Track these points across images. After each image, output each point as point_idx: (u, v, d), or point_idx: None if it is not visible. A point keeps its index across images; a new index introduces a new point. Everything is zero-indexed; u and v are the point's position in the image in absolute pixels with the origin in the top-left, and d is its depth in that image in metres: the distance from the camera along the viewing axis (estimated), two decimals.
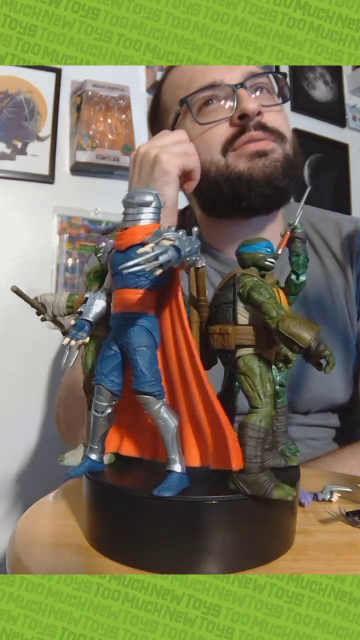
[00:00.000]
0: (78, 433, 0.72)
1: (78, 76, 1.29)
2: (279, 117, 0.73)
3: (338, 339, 0.75)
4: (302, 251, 0.40)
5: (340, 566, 0.36)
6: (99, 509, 0.38)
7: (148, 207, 0.36)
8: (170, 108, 0.78)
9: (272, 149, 0.71)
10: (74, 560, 0.37)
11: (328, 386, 0.75)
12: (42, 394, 1.27)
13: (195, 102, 0.73)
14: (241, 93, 0.70)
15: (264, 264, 0.38)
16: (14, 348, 1.22)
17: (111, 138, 1.28)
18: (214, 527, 0.34)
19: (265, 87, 0.74)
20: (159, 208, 0.36)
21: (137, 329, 0.35)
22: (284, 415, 0.44)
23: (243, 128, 0.70)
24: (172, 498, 0.34)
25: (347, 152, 1.77)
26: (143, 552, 0.35)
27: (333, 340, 0.75)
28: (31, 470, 1.24)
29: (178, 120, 0.76)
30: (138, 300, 0.35)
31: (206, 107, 0.72)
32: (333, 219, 0.82)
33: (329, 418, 0.79)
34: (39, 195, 1.25)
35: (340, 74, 1.79)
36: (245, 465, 0.34)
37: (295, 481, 0.39)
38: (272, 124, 0.71)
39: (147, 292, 0.35)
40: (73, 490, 0.48)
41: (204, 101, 0.72)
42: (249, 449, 0.34)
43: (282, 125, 0.73)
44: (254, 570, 0.35)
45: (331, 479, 0.52)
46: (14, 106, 1.23)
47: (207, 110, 0.72)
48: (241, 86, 0.70)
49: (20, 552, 0.37)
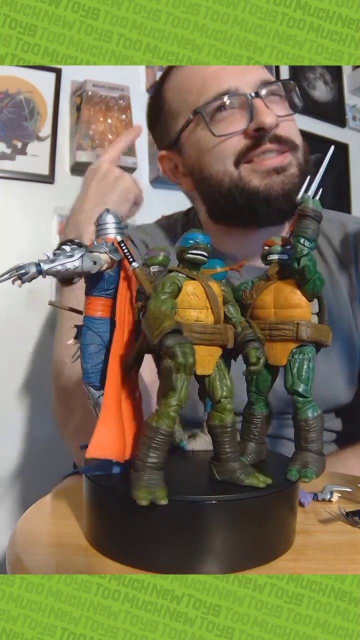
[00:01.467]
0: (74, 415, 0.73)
1: (78, 76, 1.29)
2: (292, 127, 0.73)
3: (341, 339, 0.75)
4: (301, 231, 0.39)
5: (340, 566, 0.36)
6: (99, 509, 0.38)
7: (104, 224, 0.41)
8: (178, 112, 0.76)
9: (289, 162, 0.70)
10: (74, 560, 0.37)
11: (330, 386, 0.75)
12: (42, 393, 1.26)
13: (208, 111, 0.71)
14: (257, 104, 0.69)
15: (186, 257, 0.37)
16: (14, 348, 1.22)
17: (111, 138, 1.28)
18: (214, 527, 0.34)
19: (276, 94, 0.73)
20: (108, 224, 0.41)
21: (84, 330, 0.40)
22: (262, 424, 0.43)
23: (258, 140, 0.69)
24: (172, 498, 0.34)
25: (347, 152, 1.77)
26: (143, 552, 0.35)
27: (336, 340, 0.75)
28: (31, 470, 1.24)
29: (189, 127, 0.74)
30: (87, 305, 0.41)
31: (219, 114, 0.71)
32: (338, 219, 0.82)
33: (332, 421, 0.78)
34: (39, 195, 1.25)
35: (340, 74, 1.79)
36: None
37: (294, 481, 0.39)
38: (286, 134, 0.71)
39: (94, 298, 0.40)
40: (73, 490, 0.48)
41: (217, 109, 0.71)
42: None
43: (295, 134, 0.73)
44: (254, 570, 0.35)
45: (331, 479, 0.52)
46: (14, 106, 1.23)
47: (219, 118, 0.71)
48: (256, 95, 0.69)
49: (20, 552, 0.37)
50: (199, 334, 0.36)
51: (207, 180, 0.74)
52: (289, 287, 0.40)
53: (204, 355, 0.36)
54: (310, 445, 0.39)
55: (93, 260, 0.37)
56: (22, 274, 0.35)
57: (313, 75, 1.73)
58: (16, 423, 1.23)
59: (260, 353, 0.37)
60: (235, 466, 0.37)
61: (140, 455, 0.34)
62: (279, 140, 0.70)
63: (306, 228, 0.38)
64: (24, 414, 1.24)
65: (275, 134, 0.69)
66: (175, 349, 0.32)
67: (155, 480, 0.33)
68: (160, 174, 1.34)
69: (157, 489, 0.33)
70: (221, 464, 0.37)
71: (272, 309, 0.41)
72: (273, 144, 0.70)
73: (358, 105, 1.82)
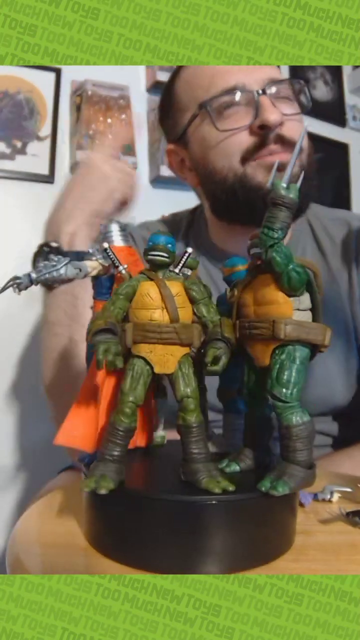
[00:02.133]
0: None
1: (78, 76, 1.29)
2: (297, 127, 0.72)
3: (339, 339, 0.75)
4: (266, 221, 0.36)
5: (340, 566, 0.36)
6: (98, 509, 0.38)
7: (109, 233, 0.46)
8: (186, 106, 0.77)
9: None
10: (74, 560, 0.37)
11: (328, 388, 0.74)
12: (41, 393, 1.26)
13: (215, 106, 0.72)
14: (263, 101, 0.69)
15: (147, 258, 0.38)
16: (14, 347, 1.22)
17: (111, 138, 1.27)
18: (214, 527, 0.34)
19: (284, 94, 0.73)
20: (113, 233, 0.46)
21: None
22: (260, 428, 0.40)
23: (262, 140, 0.69)
24: (172, 498, 0.34)
25: (347, 152, 1.77)
26: (143, 552, 0.35)
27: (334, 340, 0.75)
28: (31, 471, 1.24)
29: (195, 121, 0.75)
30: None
31: (226, 111, 0.71)
32: (342, 217, 0.82)
33: (328, 424, 0.78)
34: (39, 195, 1.25)
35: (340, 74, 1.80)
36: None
37: None
38: (291, 135, 0.71)
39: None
40: (73, 490, 0.48)
41: (223, 105, 0.71)
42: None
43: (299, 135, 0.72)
44: (254, 570, 0.35)
45: (331, 479, 0.52)
46: (13, 106, 1.23)
47: (226, 114, 0.71)
48: (263, 93, 0.69)
49: (20, 552, 0.37)
50: (152, 333, 0.36)
51: (211, 175, 0.74)
52: (266, 283, 0.37)
53: (162, 354, 0.37)
54: (291, 455, 0.36)
55: (77, 268, 0.40)
56: (19, 284, 0.39)
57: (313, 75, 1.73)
58: (15, 423, 1.23)
59: (220, 353, 0.36)
60: (199, 467, 0.36)
61: (101, 448, 0.37)
62: (283, 140, 0.70)
63: (272, 217, 0.35)
64: (23, 413, 1.24)
65: (279, 133, 0.69)
66: (98, 346, 0.35)
67: (107, 471, 0.35)
68: (160, 173, 1.34)
69: (102, 479, 0.35)
70: (187, 464, 0.37)
71: (252, 306, 0.38)
72: (277, 144, 0.70)
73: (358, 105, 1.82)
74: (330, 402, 0.76)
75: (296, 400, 0.36)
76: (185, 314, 0.38)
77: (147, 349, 0.37)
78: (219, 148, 0.72)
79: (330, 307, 0.75)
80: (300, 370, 0.36)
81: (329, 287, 0.76)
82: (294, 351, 0.36)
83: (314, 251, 0.80)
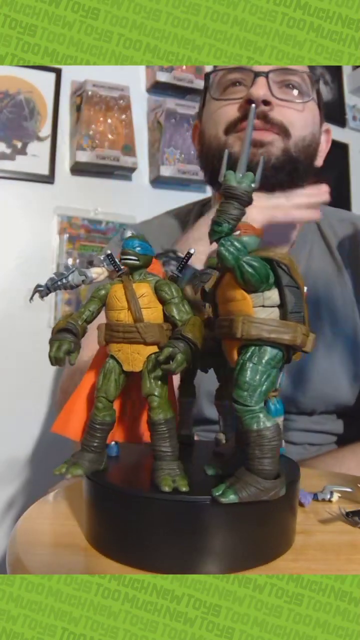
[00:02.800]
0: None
1: (78, 76, 1.29)
2: (293, 114, 0.72)
3: (345, 337, 0.75)
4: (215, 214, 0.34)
5: (340, 566, 0.36)
6: (99, 509, 0.38)
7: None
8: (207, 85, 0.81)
9: (271, 141, 0.71)
10: (74, 560, 0.37)
11: (333, 386, 0.75)
12: (42, 393, 1.27)
13: (222, 82, 0.75)
14: (258, 80, 0.70)
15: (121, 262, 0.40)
16: (14, 347, 1.22)
17: (111, 138, 1.28)
18: (214, 527, 0.34)
19: (296, 86, 0.73)
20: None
21: None
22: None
23: (247, 113, 0.70)
24: (172, 498, 0.34)
25: (347, 152, 1.77)
26: (143, 552, 0.35)
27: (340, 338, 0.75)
28: (31, 470, 1.24)
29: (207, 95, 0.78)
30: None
31: (232, 88, 0.74)
32: (349, 218, 0.83)
33: (334, 423, 0.78)
34: (39, 195, 1.25)
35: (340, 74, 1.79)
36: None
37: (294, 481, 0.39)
38: (281, 119, 0.71)
39: None
40: (73, 490, 0.48)
41: (231, 83, 0.74)
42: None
43: (293, 122, 0.72)
44: (254, 570, 0.35)
45: (331, 479, 0.52)
46: (14, 106, 1.23)
47: (230, 91, 0.74)
48: (264, 75, 0.70)
49: (20, 552, 0.37)
50: (118, 333, 0.38)
51: (204, 145, 0.77)
52: (228, 279, 0.35)
53: (129, 352, 0.38)
54: (249, 463, 0.34)
55: (83, 275, 0.43)
56: (41, 291, 0.42)
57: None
58: (16, 422, 1.23)
59: (174, 351, 0.35)
60: (160, 465, 0.37)
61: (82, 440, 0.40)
62: (267, 119, 0.71)
63: (220, 209, 0.34)
64: (24, 413, 1.24)
65: (264, 112, 0.70)
66: (51, 343, 0.39)
67: (81, 460, 0.38)
68: (160, 173, 1.34)
69: (73, 466, 0.38)
70: (154, 461, 0.37)
71: (220, 304, 0.37)
72: (259, 120, 0.70)
73: (358, 105, 1.82)
74: (335, 399, 0.76)
75: (257, 404, 0.33)
76: (152, 314, 0.38)
77: (116, 348, 0.39)
78: (212, 117, 0.75)
79: (338, 305, 0.76)
80: (264, 372, 0.33)
81: (338, 286, 0.77)
82: (259, 352, 0.33)
83: (322, 250, 0.80)
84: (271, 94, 0.70)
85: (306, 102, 0.73)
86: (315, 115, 0.76)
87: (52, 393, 1.25)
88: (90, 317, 0.41)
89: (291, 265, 0.34)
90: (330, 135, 0.82)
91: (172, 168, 1.34)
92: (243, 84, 0.73)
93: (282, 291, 0.34)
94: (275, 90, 0.71)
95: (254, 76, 0.70)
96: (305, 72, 0.74)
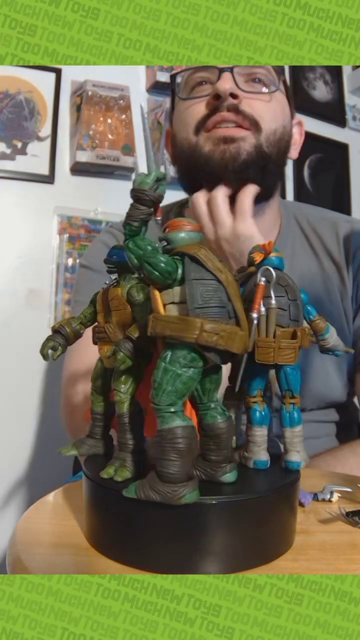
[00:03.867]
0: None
1: (78, 76, 1.29)
2: (261, 106, 0.72)
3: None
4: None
5: (340, 566, 0.36)
6: (99, 509, 0.38)
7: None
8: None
9: (243, 137, 0.70)
10: (74, 560, 0.37)
11: (327, 386, 0.76)
12: (42, 393, 1.27)
13: (189, 82, 0.74)
14: (224, 75, 0.70)
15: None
16: (14, 347, 1.22)
17: (111, 138, 1.28)
18: (214, 527, 0.34)
19: (262, 80, 0.73)
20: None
21: None
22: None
23: (216, 108, 0.70)
24: None
25: (347, 152, 1.77)
26: (143, 552, 0.35)
27: None
28: (31, 470, 1.24)
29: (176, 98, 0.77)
30: None
31: (198, 87, 0.73)
32: (329, 218, 0.83)
33: (328, 414, 0.80)
34: (39, 195, 1.25)
35: (340, 74, 1.79)
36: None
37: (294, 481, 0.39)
38: (250, 111, 0.70)
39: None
40: (73, 490, 0.48)
41: (197, 82, 0.74)
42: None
43: (262, 115, 0.71)
44: (254, 570, 0.35)
45: (331, 479, 0.52)
46: (14, 106, 1.23)
47: (197, 91, 0.73)
48: (229, 70, 0.70)
49: (20, 552, 0.37)
50: (97, 334, 0.42)
51: (177, 148, 0.77)
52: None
53: (105, 351, 0.41)
54: (156, 462, 0.33)
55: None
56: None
57: (313, 75, 1.72)
58: (16, 422, 1.23)
59: (115, 349, 0.38)
60: (117, 454, 0.39)
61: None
62: (237, 111, 0.70)
63: (127, 213, 0.35)
64: (24, 413, 1.24)
65: (234, 105, 0.69)
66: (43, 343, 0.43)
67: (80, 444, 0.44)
68: None
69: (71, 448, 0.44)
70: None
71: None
72: (230, 112, 0.70)
73: (358, 105, 1.82)
74: (329, 398, 0.77)
75: (163, 404, 0.32)
76: (120, 316, 0.40)
77: (99, 347, 0.42)
78: (181, 119, 0.75)
79: (325, 304, 0.76)
80: (170, 372, 0.32)
81: (323, 286, 0.77)
82: (170, 350, 0.33)
83: (305, 247, 0.80)
84: (237, 86, 0.70)
85: (273, 92, 0.73)
86: (285, 106, 0.75)
87: (52, 393, 1.25)
88: (84, 320, 0.44)
89: (207, 257, 0.33)
90: (303, 127, 0.81)
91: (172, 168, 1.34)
92: (209, 82, 0.72)
93: (185, 286, 0.33)
94: (241, 83, 0.70)
95: (219, 73, 0.70)
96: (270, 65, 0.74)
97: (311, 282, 0.76)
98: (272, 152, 0.72)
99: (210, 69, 0.72)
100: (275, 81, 0.74)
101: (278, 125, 0.73)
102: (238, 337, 0.34)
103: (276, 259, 0.40)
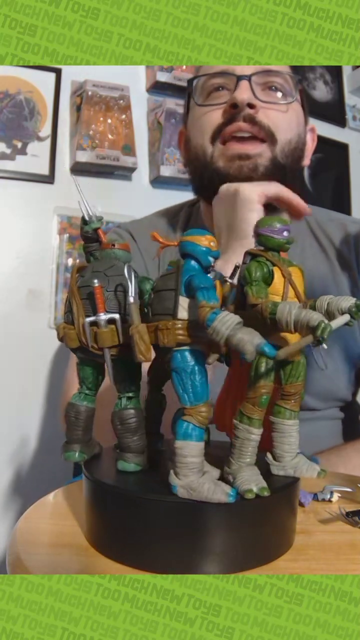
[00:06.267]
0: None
1: (78, 76, 1.29)
2: (278, 116, 0.72)
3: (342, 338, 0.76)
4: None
5: (340, 566, 0.36)
6: (98, 509, 0.38)
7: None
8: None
9: (259, 153, 0.70)
10: (74, 560, 0.37)
11: (335, 385, 0.77)
12: (42, 393, 1.27)
13: (206, 87, 0.74)
14: (241, 84, 0.70)
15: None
16: (14, 347, 1.22)
17: (111, 138, 1.28)
18: (214, 527, 0.34)
19: (279, 88, 0.73)
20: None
21: None
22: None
23: (232, 117, 0.70)
24: (172, 498, 0.34)
25: (347, 152, 1.77)
26: (143, 552, 0.35)
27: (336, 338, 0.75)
28: (31, 470, 1.24)
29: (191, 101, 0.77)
30: None
31: (215, 93, 0.73)
32: (338, 219, 0.83)
33: (333, 412, 0.81)
34: (39, 195, 1.25)
35: (340, 74, 1.79)
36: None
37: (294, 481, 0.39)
38: (267, 122, 0.70)
39: None
40: (73, 490, 0.48)
41: (214, 88, 0.73)
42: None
43: (279, 125, 0.72)
44: (254, 570, 0.35)
45: (331, 479, 0.52)
46: (14, 106, 1.23)
47: (213, 97, 0.73)
48: (246, 78, 0.70)
49: (20, 552, 0.37)
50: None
51: (191, 152, 0.76)
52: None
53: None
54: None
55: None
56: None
57: (313, 75, 1.72)
58: (16, 423, 1.23)
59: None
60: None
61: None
62: (254, 122, 0.70)
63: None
64: (23, 414, 1.24)
65: (251, 115, 0.69)
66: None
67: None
68: (160, 173, 1.34)
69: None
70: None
71: None
72: (246, 123, 0.70)
73: (358, 105, 1.82)
74: (336, 396, 0.78)
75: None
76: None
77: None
78: (197, 125, 0.75)
79: None
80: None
81: (334, 286, 0.77)
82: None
83: (316, 249, 0.80)
84: (255, 96, 0.70)
85: (290, 103, 0.73)
86: (300, 115, 0.76)
87: (53, 393, 1.25)
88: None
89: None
90: (316, 133, 0.82)
91: (172, 168, 1.34)
92: (226, 88, 0.72)
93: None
94: (258, 92, 0.70)
95: (236, 80, 0.70)
96: (288, 73, 0.74)
97: (323, 284, 0.77)
98: (286, 163, 0.72)
99: (228, 75, 0.71)
100: (292, 91, 0.74)
101: (293, 135, 0.73)
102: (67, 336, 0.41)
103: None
